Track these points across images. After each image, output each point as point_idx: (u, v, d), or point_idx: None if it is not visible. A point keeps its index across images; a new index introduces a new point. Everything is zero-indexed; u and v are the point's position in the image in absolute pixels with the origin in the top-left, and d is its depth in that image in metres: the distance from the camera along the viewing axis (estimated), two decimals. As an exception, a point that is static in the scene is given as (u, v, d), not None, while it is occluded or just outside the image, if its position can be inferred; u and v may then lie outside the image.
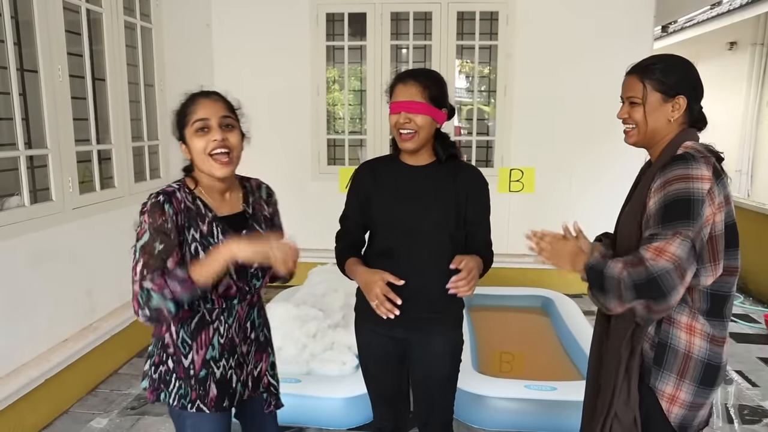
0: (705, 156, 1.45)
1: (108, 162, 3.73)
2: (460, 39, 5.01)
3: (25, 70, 3.08)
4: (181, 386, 1.63)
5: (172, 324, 1.63)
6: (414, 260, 1.78)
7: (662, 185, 1.43)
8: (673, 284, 1.33)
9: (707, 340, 1.48)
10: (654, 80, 1.55)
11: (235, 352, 1.68)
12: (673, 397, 1.50)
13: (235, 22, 5.10)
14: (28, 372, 2.81)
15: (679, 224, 1.36)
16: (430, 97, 1.74)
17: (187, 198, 1.60)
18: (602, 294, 1.43)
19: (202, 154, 1.57)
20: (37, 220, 2.99)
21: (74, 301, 3.28)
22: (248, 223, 1.69)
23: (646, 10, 4.86)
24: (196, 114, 1.58)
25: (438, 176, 1.82)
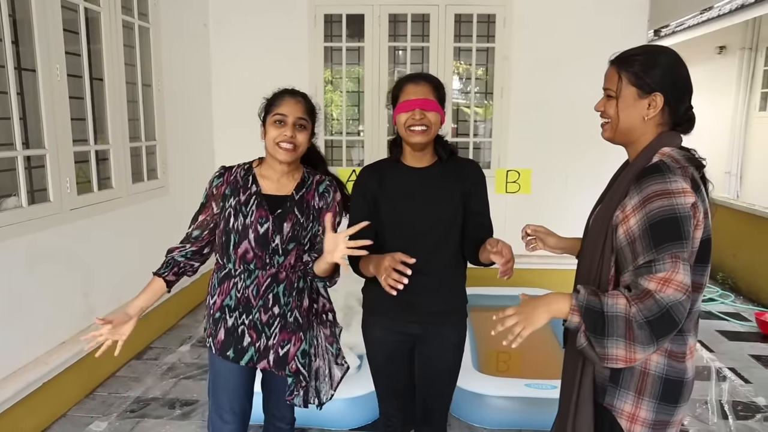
0: (682, 167, 1.34)
1: (105, 162, 3.69)
2: (457, 41, 5.03)
3: (23, 69, 3.04)
4: (206, 320, 1.97)
5: (214, 270, 1.97)
6: (425, 259, 1.81)
7: (642, 203, 1.32)
8: (684, 312, 1.25)
9: (665, 356, 1.39)
10: (630, 73, 1.43)
11: (251, 312, 1.89)
12: (633, 415, 1.41)
13: (232, 22, 5.07)
14: (26, 375, 2.77)
15: (673, 246, 1.27)
16: (438, 98, 1.84)
17: (239, 173, 1.95)
18: (602, 340, 1.28)
19: (272, 141, 1.86)
20: (35, 221, 2.95)
21: (72, 302, 3.24)
22: (287, 206, 1.91)
23: (640, 14, 4.90)
24: (279, 108, 1.86)
25: (442, 175, 1.89)
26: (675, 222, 1.27)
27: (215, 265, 1.97)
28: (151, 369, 3.56)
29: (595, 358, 1.33)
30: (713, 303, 5.25)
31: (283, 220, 1.88)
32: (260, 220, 1.87)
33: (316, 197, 1.95)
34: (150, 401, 3.18)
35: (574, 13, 4.91)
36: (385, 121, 5.13)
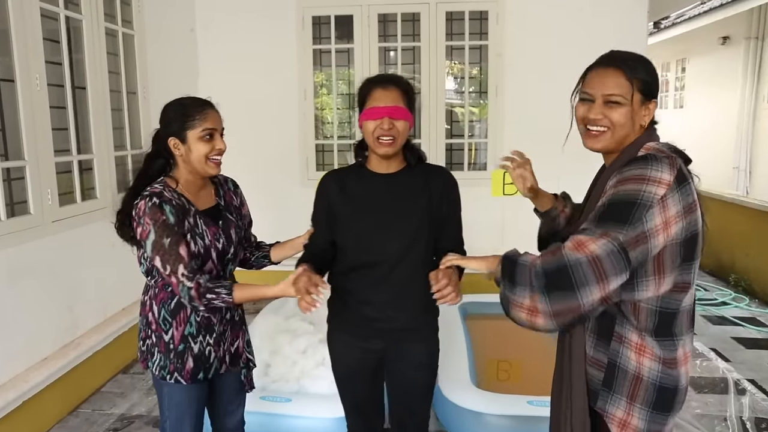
0: (670, 156, 1.31)
1: (90, 172, 3.63)
2: (449, 39, 4.93)
3: (1, 80, 2.97)
4: (161, 359, 1.84)
5: (154, 304, 1.85)
6: (391, 272, 1.77)
7: (616, 183, 1.30)
8: (585, 280, 1.21)
9: (658, 362, 1.34)
10: (639, 79, 1.39)
11: (213, 330, 1.88)
12: (624, 422, 1.36)
13: (219, 27, 5.00)
14: (4, 394, 2.69)
15: (612, 226, 1.23)
16: (408, 102, 1.74)
17: (173, 195, 1.77)
18: (512, 287, 1.32)
19: (203, 157, 1.78)
20: (14, 235, 2.88)
21: (55, 317, 3.17)
22: (223, 215, 1.91)
23: (639, 5, 4.78)
24: (205, 123, 1.78)
25: (410, 182, 1.80)
26: (630, 206, 1.24)
27: (156, 299, 1.84)
28: (138, 384, 3.48)
29: (507, 307, 1.34)
30: (727, 307, 5.02)
31: (228, 228, 1.90)
32: (216, 236, 1.84)
33: (234, 196, 2.01)
34: (134, 419, 3.10)
35: (569, 5, 4.79)
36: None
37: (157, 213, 1.70)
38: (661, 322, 1.33)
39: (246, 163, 5.38)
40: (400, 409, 1.95)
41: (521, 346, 3.92)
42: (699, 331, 4.40)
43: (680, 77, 9.21)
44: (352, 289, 1.83)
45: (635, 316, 1.33)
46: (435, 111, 4.93)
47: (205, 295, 1.70)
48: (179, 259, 1.70)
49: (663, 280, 1.29)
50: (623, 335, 1.35)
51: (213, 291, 1.71)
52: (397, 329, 1.81)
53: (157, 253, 1.70)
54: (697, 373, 3.66)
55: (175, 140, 1.79)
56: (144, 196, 1.74)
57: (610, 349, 1.37)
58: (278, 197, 4.75)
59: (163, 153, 1.84)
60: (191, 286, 1.69)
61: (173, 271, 1.70)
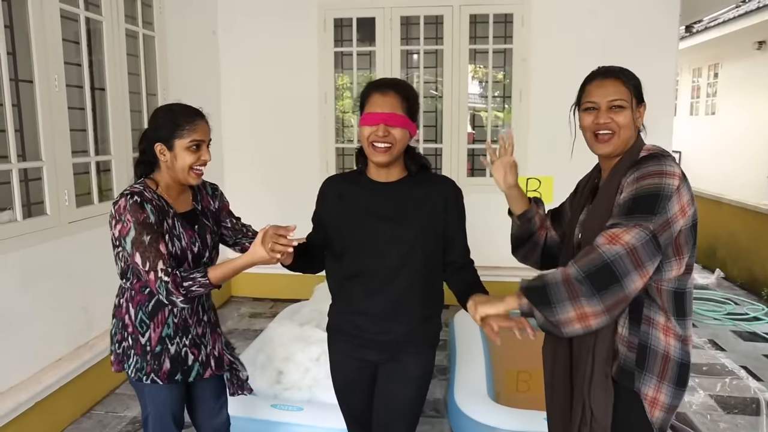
0: (671, 156, 1.48)
1: (108, 174, 3.63)
2: (473, 43, 4.84)
3: (20, 81, 2.98)
4: (138, 361, 1.86)
5: (131, 306, 1.86)
6: (386, 283, 1.71)
7: (636, 179, 1.42)
8: (627, 270, 1.30)
9: (679, 340, 1.47)
10: (632, 85, 1.57)
11: (189, 332, 1.91)
12: (654, 399, 1.46)
13: (241, 29, 4.99)
14: (16, 395, 2.69)
15: (641, 217, 1.35)
16: (408, 110, 1.67)
17: (153, 196, 1.81)
18: (551, 309, 1.33)
19: (187, 167, 1.82)
20: (30, 235, 2.88)
21: (69, 318, 3.17)
22: (199, 219, 1.95)
23: (670, 8, 4.63)
24: (194, 133, 1.81)
25: (411, 192, 1.73)
26: (656, 198, 1.36)
27: (132, 301, 1.86)
28: (152, 386, 3.45)
29: (555, 331, 1.36)
30: (759, 323, 4.80)
31: (204, 233, 1.93)
32: (191, 240, 1.87)
33: (211, 200, 2.04)
34: (146, 422, 3.07)
35: (597, 10, 4.67)
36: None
37: (138, 211, 1.73)
38: (677, 303, 1.47)
39: (266, 165, 5.38)
40: (382, 424, 1.84)
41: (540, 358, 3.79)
42: (729, 348, 4.24)
43: (712, 83, 8.95)
44: (347, 299, 1.79)
45: (660, 297, 1.45)
46: (457, 115, 4.84)
47: (182, 284, 1.71)
48: (159, 255, 1.72)
49: (682, 261, 1.43)
50: (651, 317, 1.46)
51: (188, 279, 1.72)
52: (391, 341, 1.75)
53: (137, 250, 1.71)
54: (727, 392, 3.51)
55: (162, 146, 1.81)
56: (125, 195, 1.77)
57: (640, 331, 1.46)
58: (297, 199, 4.68)
59: (148, 155, 1.86)
60: (168, 279, 1.70)
61: (152, 267, 1.70)
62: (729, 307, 5.12)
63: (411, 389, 1.79)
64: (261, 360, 3.05)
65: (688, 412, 3.26)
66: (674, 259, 1.42)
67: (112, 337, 1.95)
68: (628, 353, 1.47)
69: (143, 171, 1.89)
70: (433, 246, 1.73)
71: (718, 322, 4.81)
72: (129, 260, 1.79)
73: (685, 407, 3.30)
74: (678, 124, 5.76)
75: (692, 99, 9.67)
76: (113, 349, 1.94)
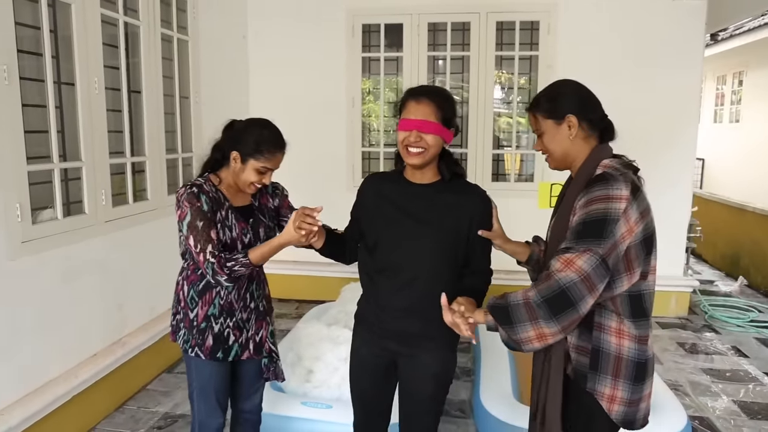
0: (623, 173, 1.53)
1: (142, 174, 3.72)
2: (499, 49, 4.88)
3: (62, 83, 3.07)
4: (185, 333, 2.07)
5: (185, 284, 2.07)
6: (412, 277, 1.81)
7: (585, 204, 1.51)
8: (581, 295, 1.43)
9: (635, 341, 1.57)
10: (541, 110, 1.67)
11: (233, 315, 2.08)
12: (612, 396, 1.59)
13: (271, 34, 5.08)
14: (55, 389, 2.77)
15: (591, 242, 1.45)
16: (443, 117, 1.75)
17: (211, 190, 2.02)
18: (512, 327, 1.49)
19: (248, 182, 2.02)
20: (70, 233, 2.96)
21: (105, 315, 3.25)
22: (255, 214, 2.12)
23: (696, 17, 4.63)
24: (269, 162, 2.01)
25: (442, 196, 1.83)
26: (603, 223, 1.46)
27: (187, 280, 2.08)
28: (182, 383, 3.53)
29: (516, 347, 1.52)
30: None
31: (257, 227, 2.10)
32: (243, 231, 2.05)
33: (270, 198, 2.21)
34: (177, 418, 3.14)
35: (623, 18, 4.69)
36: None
37: (194, 199, 1.95)
38: (633, 305, 1.57)
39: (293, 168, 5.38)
40: (406, 420, 1.95)
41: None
42: (752, 354, 4.24)
43: (736, 91, 8.89)
44: (374, 291, 1.90)
45: (613, 304, 1.56)
46: (483, 121, 4.88)
47: (225, 265, 1.90)
48: (209, 239, 1.92)
49: (633, 274, 1.53)
50: (602, 323, 1.58)
51: (231, 259, 1.92)
52: (413, 335, 1.84)
53: (191, 233, 1.93)
54: (750, 398, 3.51)
55: (238, 155, 2.00)
56: (185, 185, 2.00)
57: (592, 337, 1.59)
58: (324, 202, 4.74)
59: (221, 152, 2.06)
60: (214, 261, 1.90)
61: (202, 249, 1.91)
62: (753, 315, 5.09)
63: (430, 384, 1.87)
64: (291, 358, 3.11)
65: (711, 417, 3.28)
66: (625, 274, 1.52)
67: (172, 309, 2.17)
68: (580, 358, 1.61)
69: (210, 167, 2.09)
70: (457, 250, 1.81)
71: (741, 329, 4.79)
72: (185, 242, 1.98)
73: (708, 412, 3.33)
74: (701, 131, 5.73)
75: (716, 107, 9.60)
76: (171, 321, 2.15)
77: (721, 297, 5.64)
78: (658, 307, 5.01)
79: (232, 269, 1.91)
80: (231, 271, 1.91)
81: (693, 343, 4.47)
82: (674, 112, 4.77)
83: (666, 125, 4.80)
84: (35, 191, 2.80)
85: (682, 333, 4.68)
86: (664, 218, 5.00)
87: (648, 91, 4.73)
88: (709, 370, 3.95)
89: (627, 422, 1.61)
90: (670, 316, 5.04)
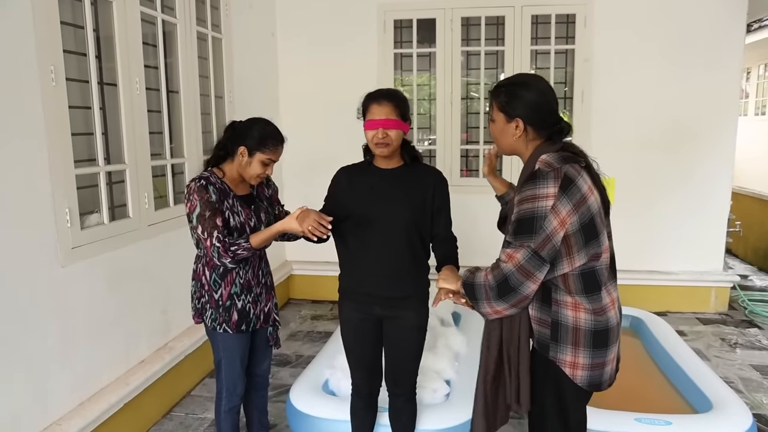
0: (555, 170, 1.65)
1: (181, 176, 3.65)
2: (534, 44, 4.79)
3: (105, 84, 3.00)
4: (212, 313, 2.31)
5: (206, 269, 2.31)
6: (387, 248, 2.16)
7: (518, 202, 1.70)
8: (519, 281, 1.67)
9: (590, 314, 1.72)
10: (498, 101, 1.80)
11: (252, 291, 2.37)
12: (573, 363, 1.75)
13: (300, 30, 5.00)
14: (108, 397, 2.71)
15: (524, 238, 1.66)
16: (401, 114, 2.11)
17: (217, 182, 2.26)
18: (476, 302, 1.79)
19: (254, 174, 2.28)
20: (116, 238, 2.90)
21: (150, 320, 3.19)
22: (255, 201, 2.40)
23: (737, 5, 4.53)
24: (273, 154, 2.28)
25: (406, 176, 2.19)
26: (532, 221, 1.65)
27: (207, 266, 2.30)
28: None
29: (483, 316, 1.82)
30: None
31: (259, 212, 2.37)
32: (248, 216, 2.31)
33: (265, 188, 2.49)
34: (229, 425, 3.07)
35: (660, 9, 4.58)
36: (458, 131, 4.93)
37: (203, 192, 2.19)
38: (586, 282, 1.71)
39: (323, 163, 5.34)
40: (394, 367, 2.30)
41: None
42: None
43: (761, 83, 8.76)
44: (356, 264, 2.22)
45: (564, 283, 1.72)
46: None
47: (229, 249, 2.16)
48: (215, 227, 2.16)
49: (573, 258, 1.67)
50: (559, 299, 1.74)
51: (234, 244, 2.18)
52: (393, 298, 2.19)
53: (200, 223, 2.17)
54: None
55: (245, 150, 2.25)
56: (195, 180, 2.24)
57: (551, 311, 1.76)
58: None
59: (226, 149, 2.30)
60: (219, 245, 2.15)
61: (209, 235, 2.15)
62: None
63: (414, 335, 2.26)
64: (340, 362, 3.04)
65: (767, 413, 3.23)
66: (566, 258, 1.68)
67: (192, 296, 2.39)
68: (542, 329, 1.79)
69: (214, 163, 2.33)
70: (425, 219, 2.18)
71: (780, 323, 4.70)
72: (194, 231, 2.20)
73: (765, 409, 3.30)
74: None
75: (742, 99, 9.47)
76: (193, 305, 2.39)
77: (758, 292, 5.54)
78: (699, 303, 4.94)
79: (235, 252, 2.17)
80: (234, 254, 2.17)
81: (737, 339, 4.38)
82: (714, 106, 4.67)
83: (705, 119, 4.70)
84: (80, 195, 2.73)
85: (724, 329, 4.59)
86: (703, 213, 4.95)
87: (686, 83, 4.63)
88: (758, 366, 3.87)
89: (593, 385, 1.78)
90: (711, 312, 4.95)
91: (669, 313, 4.88)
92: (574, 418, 1.85)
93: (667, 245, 4.90)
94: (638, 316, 4.06)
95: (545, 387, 1.83)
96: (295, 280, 5.33)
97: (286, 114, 5.09)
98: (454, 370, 3.10)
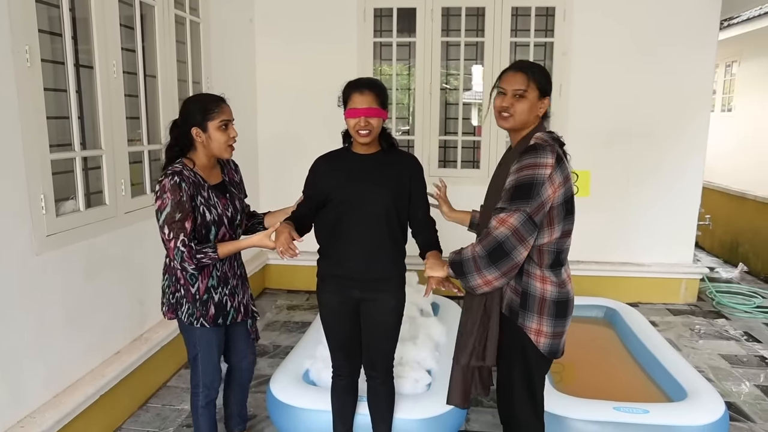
0: (551, 145, 1.82)
1: (157, 163, 3.55)
2: (514, 36, 4.81)
3: (81, 66, 2.90)
4: (189, 307, 2.24)
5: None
6: (366, 231, 2.19)
7: (517, 169, 1.80)
8: (513, 246, 1.79)
9: (555, 286, 1.91)
10: (536, 80, 1.91)
11: (228, 283, 2.32)
12: (538, 330, 1.92)
13: (278, 17, 4.91)
14: (84, 388, 2.65)
15: (521, 202, 1.77)
16: (381, 102, 2.15)
17: (190, 173, 2.17)
18: (464, 277, 1.89)
19: (224, 143, 2.20)
20: (91, 226, 2.82)
21: (127, 310, 3.12)
22: (228, 189, 2.34)
23: (711, 5, 4.62)
24: (222, 115, 2.18)
25: (384, 161, 2.24)
26: (530, 186, 1.77)
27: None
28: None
29: (471, 291, 1.92)
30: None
31: (234, 200, 2.32)
32: (225, 206, 2.26)
33: (234, 173, 2.44)
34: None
35: (638, 4, 4.65)
36: (437, 121, 4.92)
37: (176, 190, 2.09)
38: (555, 258, 1.90)
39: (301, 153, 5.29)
40: (371, 349, 2.35)
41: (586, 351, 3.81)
42: (765, 340, 4.32)
43: (728, 80, 8.99)
44: (336, 247, 2.24)
45: (539, 257, 1.89)
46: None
47: (195, 256, 2.10)
48: (183, 229, 2.09)
49: (553, 229, 1.85)
50: (530, 271, 1.90)
51: (201, 252, 2.12)
52: (371, 280, 2.23)
53: (166, 223, 2.08)
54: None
55: (197, 129, 2.17)
56: (168, 174, 2.12)
57: (522, 281, 1.91)
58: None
59: (180, 141, 2.20)
60: (185, 250, 2.08)
61: (175, 237, 2.08)
62: (757, 301, 5.17)
63: (391, 316, 2.30)
64: (320, 352, 3.03)
65: (737, 401, 3.34)
66: (546, 228, 1.84)
67: (164, 290, 2.32)
68: (513, 297, 1.94)
69: (176, 155, 2.21)
70: (401, 204, 2.22)
71: (749, 315, 4.86)
72: (161, 230, 2.11)
73: (734, 397, 3.39)
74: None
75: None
76: (165, 300, 2.31)
77: (724, 283, 5.72)
78: (669, 294, 5.06)
79: (200, 261, 2.12)
80: (199, 261, 2.12)
81: (706, 329, 4.51)
82: (687, 99, 4.77)
83: (679, 111, 4.80)
84: (55, 181, 2.63)
85: (694, 319, 4.72)
86: (675, 205, 5.07)
87: (661, 77, 4.71)
88: (726, 356, 3.99)
89: (552, 352, 1.96)
90: (680, 303, 5.08)
91: (640, 303, 5.00)
92: (538, 385, 2.03)
93: (640, 237, 5.00)
94: (612, 307, 4.14)
95: (512, 355, 1.99)
96: (270, 269, 5.27)
97: (263, 100, 5.01)
98: (435, 360, 3.11)
